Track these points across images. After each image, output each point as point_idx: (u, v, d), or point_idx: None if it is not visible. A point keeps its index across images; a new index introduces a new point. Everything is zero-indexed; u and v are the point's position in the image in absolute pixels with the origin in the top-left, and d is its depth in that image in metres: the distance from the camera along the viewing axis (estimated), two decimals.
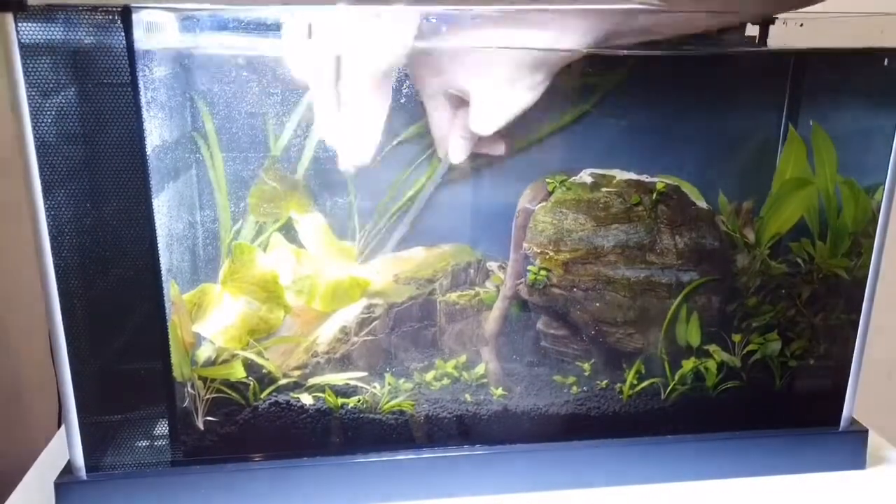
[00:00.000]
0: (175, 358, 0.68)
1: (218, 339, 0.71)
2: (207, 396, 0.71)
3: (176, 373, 0.68)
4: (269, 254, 0.74)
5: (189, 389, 0.70)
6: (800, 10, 0.70)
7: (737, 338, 0.79)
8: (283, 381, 0.73)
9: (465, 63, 0.69)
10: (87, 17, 0.59)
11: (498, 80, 0.68)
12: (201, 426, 0.71)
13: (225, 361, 0.71)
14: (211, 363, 0.71)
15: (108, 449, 0.70)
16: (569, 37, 0.66)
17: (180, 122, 0.72)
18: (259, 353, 0.72)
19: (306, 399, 0.72)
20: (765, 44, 0.80)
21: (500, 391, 0.76)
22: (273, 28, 0.66)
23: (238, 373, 0.71)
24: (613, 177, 0.78)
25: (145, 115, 0.62)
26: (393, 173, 0.79)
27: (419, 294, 0.78)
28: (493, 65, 0.67)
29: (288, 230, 0.76)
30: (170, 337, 0.67)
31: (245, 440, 0.71)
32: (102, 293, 0.65)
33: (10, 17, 0.57)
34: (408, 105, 0.72)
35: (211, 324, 0.71)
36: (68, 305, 0.64)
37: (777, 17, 0.78)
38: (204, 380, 0.70)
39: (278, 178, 0.74)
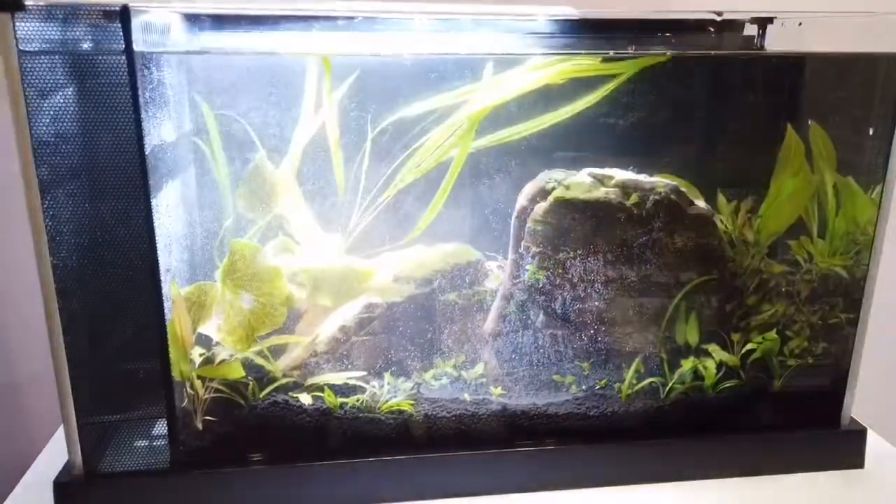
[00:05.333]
0: (174, 357, 0.68)
1: (226, 342, 0.70)
2: (206, 396, 0.71)
3: (175, 372, 0.68)
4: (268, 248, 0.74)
5: (188, 389, 0.70)
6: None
7: (736, 337, 0.79)
8: (282, 381, 0.73)
9: None
10: (85, 17, 0.59)
11: None
12: (200, 426, 0.71)
13: (223, 361, 0.71)
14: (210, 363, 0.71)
15: (106, 449, 0.70)
16: None
17: (178, 122, 0.72)
18: (259, 353, 0.72)
19: (305, 398, 0.72)
20: (763, 43, 0.80)
21: (498, 390, 0.76)
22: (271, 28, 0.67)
23: (237, 372, 0.71)
24: (612, 176, 0.78)
25: (143, 114, 0.62)
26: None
27: (418, 293, 0.78)
28: None
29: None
30: (168, 337, 0.67)
31: (244, 440, 0.71)
32: (101, 293, 0.65)
33: (7, 17, 0.57)
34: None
35: (216, 325, 0.71)
36: (66, 305, 0.64)
37: (775, 17, 0.78)
38: (203, 379, 0.70)
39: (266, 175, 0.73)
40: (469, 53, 0.73)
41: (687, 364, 0.77)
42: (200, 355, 0.71)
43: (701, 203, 0.79)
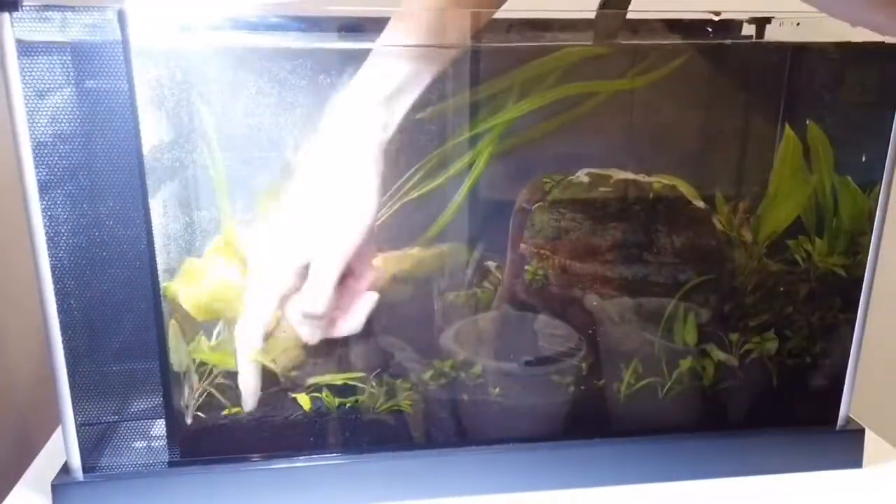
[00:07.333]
0: (171, 358, 0.68)
1: (186, 305, 0.69)
2: (205, 397, 0.71)
3: (173, 360, 0.68)
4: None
5: (186, 390, 0.70)
6: None
7: (734, 337, 0.79)
8: (280, 381, 0.73)
9: None
10: (82, 17, 0.59)
11: None
12: (198, 426, 0.71)
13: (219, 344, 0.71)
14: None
15: (104, 449, 0.70)
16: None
17: (176, 123, 0.72)
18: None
19: (303, 399, 0.72)
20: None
21: (497, 391, 0.76)
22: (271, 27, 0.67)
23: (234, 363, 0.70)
24: (610, 176, 0.78)
25: (141, 115, 0.62)
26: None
27: (416, 293, 0.78)
28: None
29: None
30: (167, 337, 0.67)
31: (242, 440, 0.71)
32: (99, 293, 0.65)
33: (5, 17, 0.57)
34: None
35: (184, 291, 0.70)
36: (64, 305, 0.64)
37: (773, 17, 0.79)
38: (200, 380, 0.70)
39: None
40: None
41: (685, 364, 0.78)
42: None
43: (699, 202, 0.79)
